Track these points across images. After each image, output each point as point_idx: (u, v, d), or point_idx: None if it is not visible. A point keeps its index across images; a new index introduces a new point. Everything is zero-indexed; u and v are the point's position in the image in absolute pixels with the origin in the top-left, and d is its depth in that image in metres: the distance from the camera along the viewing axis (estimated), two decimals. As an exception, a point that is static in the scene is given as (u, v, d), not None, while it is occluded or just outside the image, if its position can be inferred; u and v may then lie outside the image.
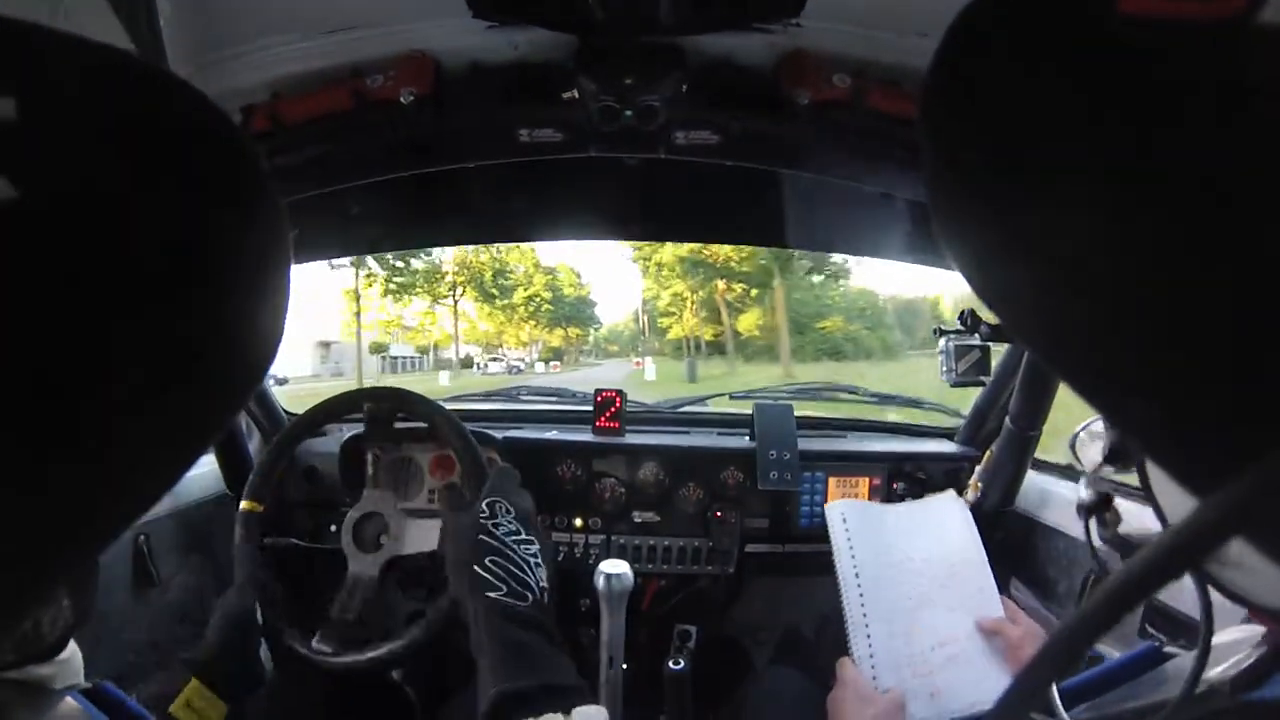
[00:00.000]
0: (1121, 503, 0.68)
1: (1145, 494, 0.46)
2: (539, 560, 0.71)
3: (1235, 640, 0.49)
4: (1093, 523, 0.68)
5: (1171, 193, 0.18)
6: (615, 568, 1.07)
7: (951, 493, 1.18)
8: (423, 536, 1.14)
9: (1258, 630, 0.48)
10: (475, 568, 0.67)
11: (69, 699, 0.66)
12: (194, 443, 0.25)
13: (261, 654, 0.96)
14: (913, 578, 1.01)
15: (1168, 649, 0.65)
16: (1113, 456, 0.63)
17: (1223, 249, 0.18)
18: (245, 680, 0.90)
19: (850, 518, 1.08)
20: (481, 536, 0.70)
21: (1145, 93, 0.19)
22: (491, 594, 0.65)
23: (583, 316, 27.93)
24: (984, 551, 1.03)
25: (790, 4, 0.77)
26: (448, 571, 0.72)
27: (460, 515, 0.75)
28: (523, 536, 0.72)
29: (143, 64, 0.22)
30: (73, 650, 0.66)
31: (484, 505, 0.74)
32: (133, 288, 0.20)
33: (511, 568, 0.68)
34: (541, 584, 0.69)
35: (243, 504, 1.11)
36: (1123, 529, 0.66)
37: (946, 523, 1.09)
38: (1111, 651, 0.73)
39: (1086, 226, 0.20)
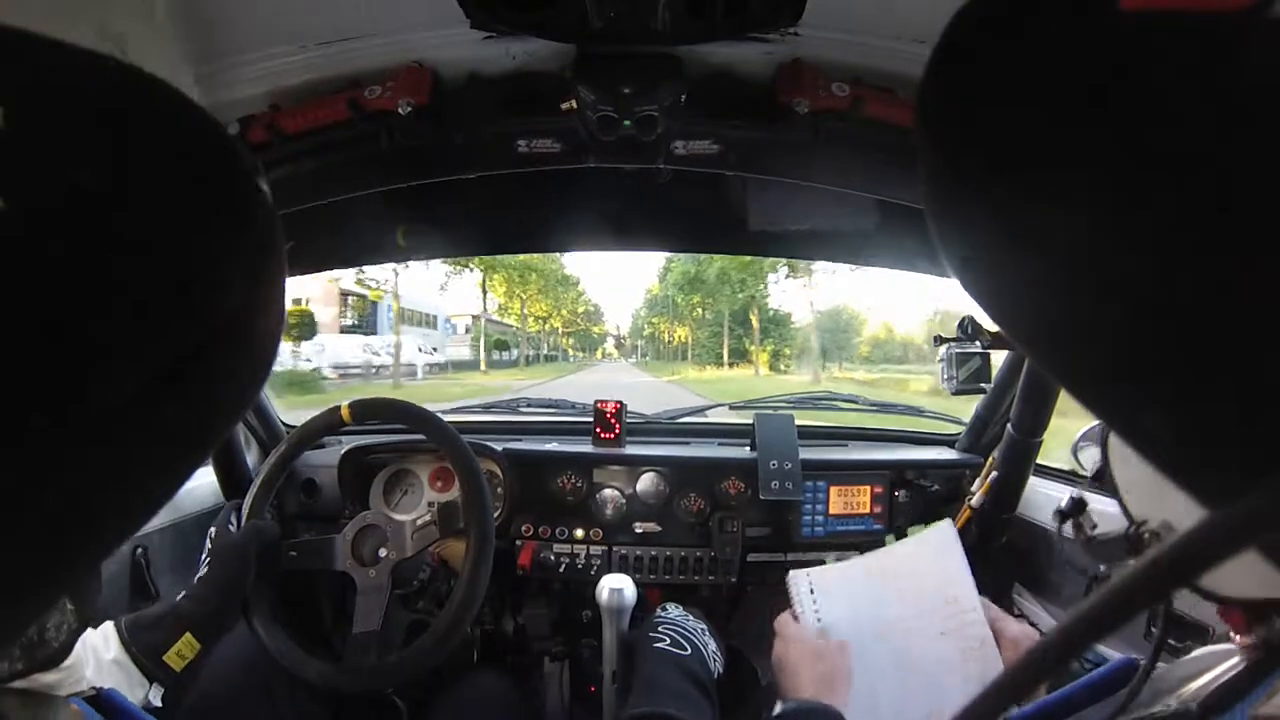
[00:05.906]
0: (1096, 508, 0.69)
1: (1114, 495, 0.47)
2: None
3: (1210, 659, 0.49)
4: (1067, 526, 0.69)
5: (1174, 193, 0.18)
6: (618, 583, 1.06)
7: (944, 523, 0.99)
8: (422, 540, 1.13)
9: (1232, 649, 0.48)
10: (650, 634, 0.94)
11: (73, 704, 0.66)
12: (191, 454, 0.25)
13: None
14: (896, 640, 0.86)
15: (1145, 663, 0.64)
16: (1098, 476, 0.64)
17: (1226, 250, 0.17)
18: (223, 628, 0.97)
19: (818, 585, 0.95)
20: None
21: (1146, 90, 0.19)
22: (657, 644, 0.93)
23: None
24: (973, 594, 0.87)
25: (788, 13, 0.77)
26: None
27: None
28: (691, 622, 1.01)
29: (138, 74, 0.22)
30: (77, 657, 0.66)
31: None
32: (125, 299, 0.20)
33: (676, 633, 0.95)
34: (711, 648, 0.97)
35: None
36: (1097, 534, 0.67)
37: (929, 565, 0.92)
38: (1111, 653, 0.72)
39: (1086, 227, 0.19)
